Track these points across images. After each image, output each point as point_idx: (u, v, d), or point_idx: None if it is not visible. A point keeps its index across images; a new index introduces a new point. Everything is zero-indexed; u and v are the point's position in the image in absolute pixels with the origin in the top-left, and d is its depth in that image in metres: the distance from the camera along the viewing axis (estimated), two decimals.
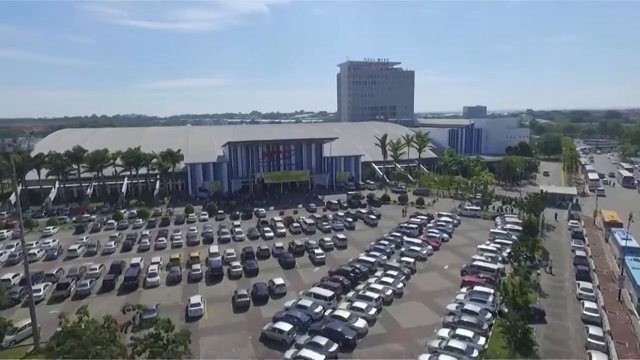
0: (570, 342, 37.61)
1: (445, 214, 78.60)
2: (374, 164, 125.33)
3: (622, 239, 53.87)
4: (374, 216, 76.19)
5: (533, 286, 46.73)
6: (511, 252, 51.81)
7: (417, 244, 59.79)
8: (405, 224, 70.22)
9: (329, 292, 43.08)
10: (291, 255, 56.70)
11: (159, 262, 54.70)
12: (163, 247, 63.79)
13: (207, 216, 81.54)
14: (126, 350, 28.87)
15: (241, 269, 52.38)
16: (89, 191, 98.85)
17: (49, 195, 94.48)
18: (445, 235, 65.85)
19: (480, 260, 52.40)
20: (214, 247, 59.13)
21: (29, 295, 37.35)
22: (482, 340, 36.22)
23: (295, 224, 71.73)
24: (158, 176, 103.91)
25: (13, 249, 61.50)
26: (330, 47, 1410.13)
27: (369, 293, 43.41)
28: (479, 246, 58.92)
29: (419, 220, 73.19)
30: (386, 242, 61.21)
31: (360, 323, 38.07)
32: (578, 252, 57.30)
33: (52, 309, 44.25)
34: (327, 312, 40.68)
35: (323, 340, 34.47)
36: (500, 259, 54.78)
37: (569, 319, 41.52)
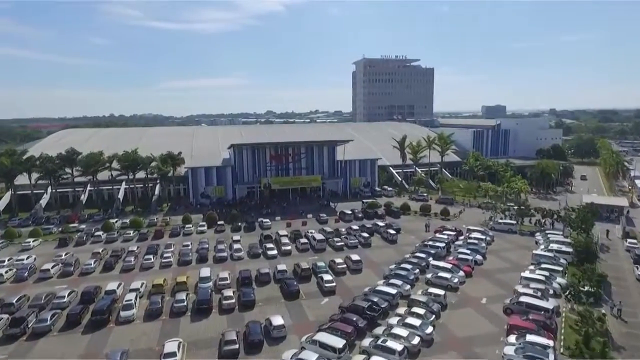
0: None
1: (476, 228, 68.27)
2: (391, 168, 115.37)
3: None
4: (392, 231, 66.44)
5: (601, 333, 36.51)
6: (568, 286, 41.63)
7: (446, 269, 49.93)
8: (430, 242, 60.24)
9: (339, 342, 33.74)
10: (295, 282, 47.50)
11: (138, 289, 46.21)
12: (150, 267, 55.43)
13: (205, 227, 73.11)
14: None
15: (234, 300, 43.43)
16: (83, 197, 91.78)
17: (40, 202, 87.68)
18: (478, 257, 55.70)
19: (528, 295, 42.21)
20: (205, 270, 50.31)
21: None
22: None
23: (303, 240, 62.56)
24: (158, 181, 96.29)
25: None
26: (347, 46, 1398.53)
27: (390, 343, 33.92)
28: (523, 274, 48.68)
29: (445, 236, 63.11)
30: (409, 265, 51.43)
31: None
32: None
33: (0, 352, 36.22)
34: None
35: None
36: (551, 292, 44.54)
37: None
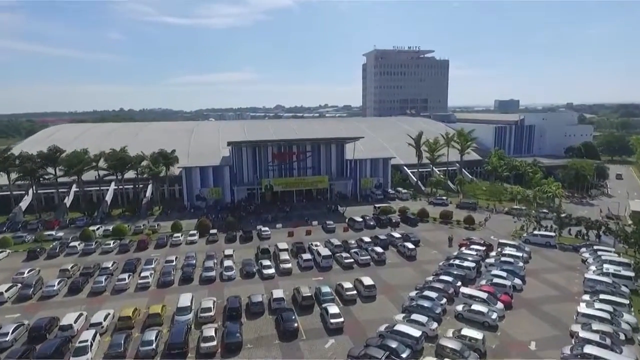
0: None
1: (509, 242, 58.36)
2: (405, 167, 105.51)
3: None
4: (410, 245, 56.82)
5: None
6: None
7: (479, 298, 40.41)
8: (456, 261, 50.52)
9: None
10: (293, 316, 38.36)
11: (101, 323, 37.57)
12: (123, 290, 46.78)
13: (196, 237, 64.32)
14: None
15: (216, 343, 34.49)
16: (67, 199, 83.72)
17: (19, 205, 79.86)
18: (517, 282, 45.94)
19: (594, 343, 32.52)
20: (186, 298, 41.34)
21: None
22: None
23: (306, 256, 53.26)
24: (150, 181, 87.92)
25: None
26: (356, 41, 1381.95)
27: None
28: (579, 308, 38.96)
29: (474, 253, 53.40)
30: (433, 293, 41.97)
31: None
32: None
33: None
34: None
35: None
36: (622, 336, 34.82)
37: None
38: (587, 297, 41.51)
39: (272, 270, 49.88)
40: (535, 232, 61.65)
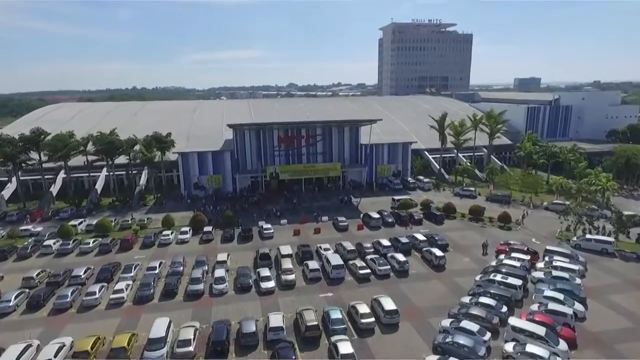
0: None
1: (559, 249, 48.41)
2: (427, 152, 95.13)
3: None
4: (438, 251, 47.34)
5: None
6: None
7: (535, 335, 31.20)
8: (497, 276, 40.92)
9: None
10: (294, 356, 29.90)
11: None
12: (92, 306, 38.86)
13: (188, 235, 56.09)
14: None
15: None
16: (54, 187, 76.23)
17: (1, 193, 72.73)
18: (578, 307, 36.34)
19: None
20: (160, 325, 32.99)
21: None
22: None
23: (313, 265, 44.34)
24: (145, 168, 79.76)
25: None
26: (373, 14, 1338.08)
27: None
28: None
29: (517, 264, 43.79)
30: (473, 325, 32.85)
31: None
32: None
33: None
34: None
35: None
36: None
37: None
38: None
39: (271, 284, 41.29)
40: (588, 236, 51.52)
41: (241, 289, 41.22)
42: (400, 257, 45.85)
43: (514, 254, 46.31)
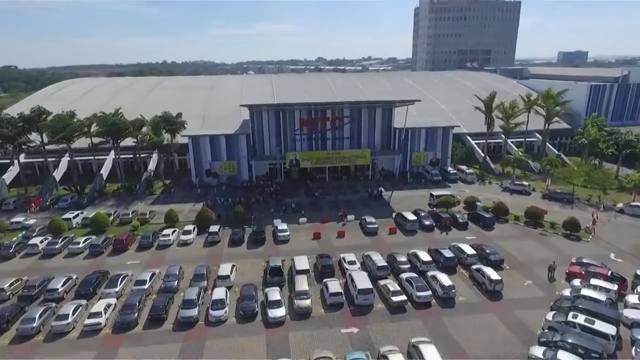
0: None
1: None
2: (470, 137, 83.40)
3: None
4: (493, 274, 37.15)
5: None
6: None
7: None
8: (577, 317, 30.67)
9: None
10: None
11: None
12: (62, 333, 31.84)
13: (192, 235, 48.52)
14: None
15: None
16: (57, 172, 70.42)
17: (2, 177, 67.58)
18: None
19: None
20: None
21: None
22: None
23: (334, 287, 35.44)
24: (155, 151, 72.60)
25: None
26: None
27: None
28: None
29: (602, 296, 33.35)
30: None
31: None
32: None
33: None
34: None
35: None
36: None
37: None
38: None
39: (282, 312, 32.94)
40: None
41: (244, 316, 33.19)
42: (445, 279, 36.34)
43: (594, 281, 35.87)
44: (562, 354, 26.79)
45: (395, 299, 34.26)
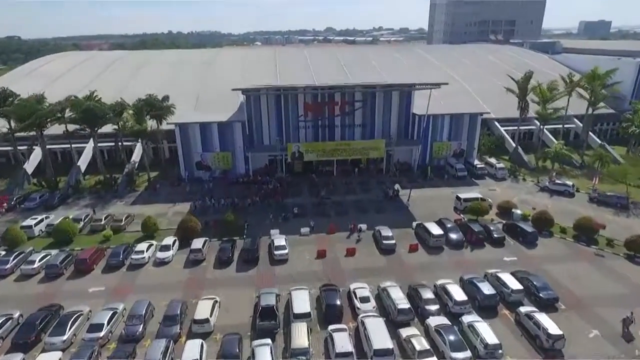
0: None
1: None
2: (498, 124, 73.04)
3: None
4: (550, 324, 28.21)
5: None
6: None
7: None
8: None
9: None
10: None
11: None
12: None
13: (171, 252, 40.22)
14: None
15: None
16: (28, 163, 62.13)
17: None
18: None
19: None
20: None
21: None
22: None
23: (341, 344, 26.97)
24: (139, 139, 63.73)
25: None
26: None
27: None
28: None
29: None
30: None
31: None
32: None
33: None
34: None
35: None
36: None
37: None
38: None
39: None
40: None
41: None
42: (487, 333, 27.69)
43: None
44: None
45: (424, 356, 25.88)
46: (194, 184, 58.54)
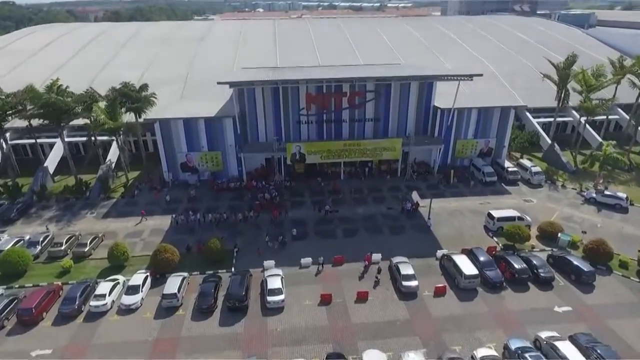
0: None
1: None
2: (529, 114, 63.28)
3: None
4: None
5: None
6: None
7: None
8: None
9: None
10: None
11: None
12: None
13: (139, 296, 32.37)
14: None
15: None
16: None
17: None
18: None
19: None
20: None
21: None
22: None
23: None
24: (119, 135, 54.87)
25: None
26: None
27: None
28: None
29: None
30: None
31: None
32: None
33: None
34: None
35: None
36: None
37: None
38: None
39: None
40: None
41: None
42: None
43: None
44: None
45: None
46: (178, 189, 50.39)
